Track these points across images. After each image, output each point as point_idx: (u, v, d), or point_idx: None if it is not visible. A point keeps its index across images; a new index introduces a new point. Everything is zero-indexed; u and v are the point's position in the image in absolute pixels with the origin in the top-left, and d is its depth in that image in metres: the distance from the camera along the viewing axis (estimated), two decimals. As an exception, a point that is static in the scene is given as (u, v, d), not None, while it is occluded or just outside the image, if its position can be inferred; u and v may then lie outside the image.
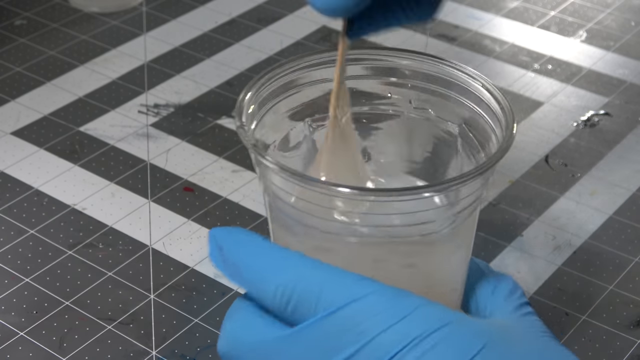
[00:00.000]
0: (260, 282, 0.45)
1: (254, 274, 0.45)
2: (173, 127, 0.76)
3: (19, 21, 0.89)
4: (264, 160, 0.45)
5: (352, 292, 0.43)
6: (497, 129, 0.48)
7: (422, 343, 0.41)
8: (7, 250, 0.65)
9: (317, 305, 0.43)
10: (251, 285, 0.45)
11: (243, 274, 0.45)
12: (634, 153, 0.75)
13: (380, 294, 0.42)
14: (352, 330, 0.42)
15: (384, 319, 0.42)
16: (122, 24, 0.89)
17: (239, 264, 0.46)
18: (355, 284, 0.43)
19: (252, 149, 0.46)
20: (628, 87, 0.82)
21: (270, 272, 0.44)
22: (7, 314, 0.60)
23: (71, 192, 0.70)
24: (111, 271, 0.63)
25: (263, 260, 0.45)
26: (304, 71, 0.51)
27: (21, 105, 0.78)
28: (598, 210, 0.69)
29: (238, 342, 0.45)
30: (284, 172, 0.44)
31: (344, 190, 0.43)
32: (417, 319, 0.42)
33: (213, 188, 0.70)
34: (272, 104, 0.50)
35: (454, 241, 0.48)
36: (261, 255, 0.45)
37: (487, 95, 0.49)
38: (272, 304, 0.44)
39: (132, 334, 0.59)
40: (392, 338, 0.41)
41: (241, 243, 0.46)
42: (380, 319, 0.42)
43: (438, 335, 0.41)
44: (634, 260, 0.65)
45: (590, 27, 0.90)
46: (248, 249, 0.46)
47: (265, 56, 0.85)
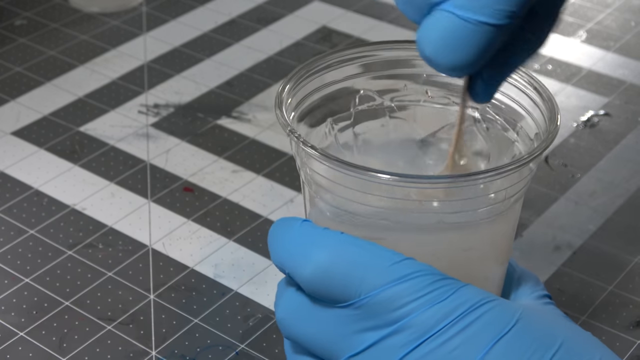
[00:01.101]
0: (300, 261, 0.45)
1: (290, 253, 0.46)
2: (173, 127, 0.76)
3: (19, 21, 0.89)
4: (309, 149, 0.45)
5: (396, 273, 0.44)
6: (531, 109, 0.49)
7: (462, 320, 0.43)
8: (7, 251, 0.65)
9: (360, 285, 0.44)
10: (287, 265, 0.46)
11: (282, 254, 0.46)
12: (634, 153, 0.75)
13: (423, 276, 0.44)
14: (396, 310, 0.44)
15: (427, 299, 0.43)
16: (122, 24, 0.89)
17: (279, 244, 0.46)
18: (398, 264, 0.44)
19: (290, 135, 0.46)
20: (628, 87, 0.82)
21: (310, 250, 0.45)
22: (7, 314, 0.60)
23: (71, 192, 0.70)
24: (111, 271, 0.63)
25: (300, 238, 0.46)
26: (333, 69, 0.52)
27: (21, 105, 0.78)
28: (598, 210, 0.69)
29: (295, 310, 0.46)
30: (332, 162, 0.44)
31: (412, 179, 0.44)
32: (458, 298, 0.44)
33: (213, 188, 0.70)
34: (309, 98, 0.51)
35: (509, 222, 0.49)
36: (297, 235, 0.46)
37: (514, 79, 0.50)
38: (309, 284, 0.45)
39: (132, 334, 0.59)
40: (435, 316, 0.43)
41: (280, 225, 0.47)
42: (424, 300, 0.43)
43: (477, 312, 0.43)
44: (633, 260, 0.65)
45: (590, 27, 0.90)
46: (285, 229, 0.46)
47: (265, 56, 0.85)
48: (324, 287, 0.44)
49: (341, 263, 0.44)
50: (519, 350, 0.43)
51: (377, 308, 0.44)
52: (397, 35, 0.87)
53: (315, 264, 0.44)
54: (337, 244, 0.45)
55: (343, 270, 0.44)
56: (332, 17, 0.89)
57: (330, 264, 0.44)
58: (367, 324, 0.44)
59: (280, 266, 0.46)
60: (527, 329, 0.44)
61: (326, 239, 0.45)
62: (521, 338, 0.43)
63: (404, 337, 0.44)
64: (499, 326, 0.43)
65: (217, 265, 0.64)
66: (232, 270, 0.64)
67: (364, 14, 0.91)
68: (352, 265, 0.44)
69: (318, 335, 0.45)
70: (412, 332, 0.43)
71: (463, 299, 0.44)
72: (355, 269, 0.44)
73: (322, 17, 0.89)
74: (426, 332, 0.43)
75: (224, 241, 0.66)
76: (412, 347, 0.43)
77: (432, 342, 0.43)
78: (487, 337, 0.43)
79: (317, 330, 0.45)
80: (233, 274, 0.64)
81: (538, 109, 0.49)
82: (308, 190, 0.49)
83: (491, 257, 0.49)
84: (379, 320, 0.44)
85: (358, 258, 0.44)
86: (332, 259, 0.44)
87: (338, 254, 0.44)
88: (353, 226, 0.47)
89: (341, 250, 0.44)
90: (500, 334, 0.43)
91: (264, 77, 0.82)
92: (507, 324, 0.44)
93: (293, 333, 0.46)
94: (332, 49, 0.85)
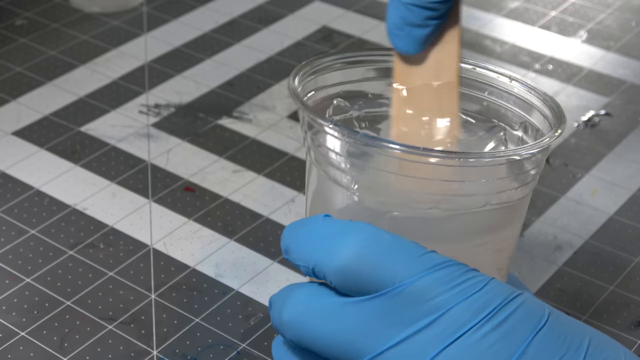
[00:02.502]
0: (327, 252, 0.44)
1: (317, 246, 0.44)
2: (174, 127, 0.76)
3: (20, 21, 0.89)
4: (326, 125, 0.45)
5: (426, 263, 0.43)
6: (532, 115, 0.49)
7: (498, 314, 0.42)
8: (8, 251, 0.65)
9: (393, 274, 0.43)
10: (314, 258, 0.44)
11: (304, 249, 0.45)
12: (634, 153, 0.75)
13: (452, 266, 0.43)
14: (428, 302, 0.42)
15: (462, 290, 0.43)
16: (122, 24, 0.89)
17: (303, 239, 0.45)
18: (427, 255, 0.43)
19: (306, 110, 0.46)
20: (628, 87, 0.82)
21: (340, 241, 0.44)
22: (8, 314, 0.60)
23: (72, 192, 0.70)
24: (112, 271, 0.63)
25: (327, 231, 0.45)
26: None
27: (22, 105, 0.78)
28: (599, 210, 0.69)
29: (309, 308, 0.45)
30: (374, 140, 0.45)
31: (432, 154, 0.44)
32: (491, 291, 0.43)
33: (214, 188, 0.70)
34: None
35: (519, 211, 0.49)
36: (323, 227, 0.45)
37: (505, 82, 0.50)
38: (340, 274, 0.43)
39: (133, 334, 0.59)
40: (470, 310, 0.42)
41: (300, 222, 0.46)
42: (457, 291, 0.43)
43: (511, 306, 0.43)
44: (634, 260, 0.65)
45: (591, 27, 0.90)
46: (307, 225, 0.46)
47: (266, 56, 0.85)
48: (355, 277, 0.43)
49: (373, 252, 0.43)
50: (554, 345, 0.43)
51: (409, 299, 0.43)
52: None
53: (346, 253, 0.43)
54: (366, 234, 0.44)
55: (375, 259, 0.43)
56: (332, 17, 0.89)
57: (361, 253, 0.43)
58: (397, 317, 0.43)
59: (304, 262, 0.45)
60: (558, 323, 0.43)
61: (355, 229, 0.44)
62: (555, 332, 0.43)
63: (438, 332, 0.42)
64: (534, 321, 0.43)
65: (218, 265, 0.64)
66: (233, 269, 0.64)
67: (364, 14, 0.91)
68: (384, 254, 0.43)
69: (342, 333, 0.44)
70: (447, 327, 0.42)
71: (495, 291, 0.43)
72: (387, 258, 0.43)
73: (323, 17, 0.89)
74: (462, 327, 0.42)
75: (225, 241, 0.66)
76: (448, 342, 0.42)
77: (469, 337, 0.42)
78: (524, 333, 0.42)
79: (341, 328, 0.44)
80: (234, 274, 0.64)
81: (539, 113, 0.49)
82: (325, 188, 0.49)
83: (503, 249, 0.49)
84: (411, 312, 0.43)
85: (389, 247, 0.43)
86: (363, 248, 0.43)
87: (369, 242, 0.43)
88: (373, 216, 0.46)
89: (371, 240, 0.43)
90: (536, 329, 0.43)
91: (264, 77, 0.82)
92: (541, 318, 0.43)
93: (303, 335, 0.45)
94: (332, 49, 0.85)
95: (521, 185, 0.47)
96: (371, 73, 0.52)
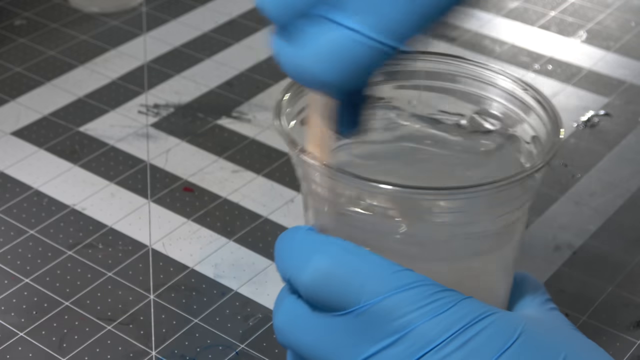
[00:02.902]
0: (299, 268, 0.44)
1: (292, 259, 0.45)
2: (173, 127, 0.76)
3: (19, 21, 0.89)
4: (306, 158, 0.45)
5: (396, 282, 0.43)
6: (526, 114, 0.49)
7: (464, 333, 0.42)
8: (7, 251, 0.65)
9: (360, 292, 0.43)
10: (288, 271, 0.45)
11: (284, 261, 0.45)
12: (634, 153, 0.75)
13: (424, 286, 0.43)
14: (396, 320, 0.43)
15: (428, 310, 0.42)
16: (122, 24, 0.89)
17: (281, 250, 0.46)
18: (398, 274, 0.43)
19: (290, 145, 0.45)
20: (628, 87, 0.82)
21: (311, 256, 0.44)
22: (7, 314, 0.60)
23: (71, 193, 0.70)
24: (111, 271, 0.63)
25: (302, 244, 0.45)
26: None
27: (21, 105, 0.78)
28: (598, 210, 0.69)
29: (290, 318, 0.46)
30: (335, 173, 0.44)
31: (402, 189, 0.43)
32: (460, 311, 0.43)
33: (213, 188, 0.70)
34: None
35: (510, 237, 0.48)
36: (300, 241, 0.45)
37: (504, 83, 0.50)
38: (309, 289, 0.44)
39: (132, 335, 0.59)
40: (436, 329, 0.42)
41: (286, 234, 0.46)
42: (424, 311, 0.42)
43: (479, 325, 0.42)
44: (634, 260, 0.65)
45: (591, 27, 0.90)
46: (290, 238, 0.46)
47: (265, 56, 0.85)
48: (323, 294, 0.44)
49: (341, 269, 0.43)
50: None
51: (376, 317, 0.43)
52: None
53: (314, 269, 0.44)
54: (337, 251, 0.44)
55: (342, 277, 0.43)
56: (332, 17, 0.89)
57: (329, 269, 0.43)
58: (365, 334, 0.43)
59: (282, 274, 0.46)
60: (530, 343, 0.43)
61: (327, 245, 0.44)
62: (523, 353, 0.43)
63: (403, 349, 0.43)
64: (501, 341, 0.43)
65: (217, 265, 0.64)
66: (232, 270, 0.64)
67: (364, 14, 0.91)
68: (352, 272, 0.43)
69: (317, 345, 0.45)
70: (412, 344, 0.42)
71: (464, 311, 0.43)
72: (355, 276, 0.43)
73: (322, 17, 0.89)
74: (426, 345, 0.42)
75: (224, 241, 0.66)
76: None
77: (432, 356, 0.42)
78: (489, 353, 0.42)
79: (316, 340, 0.45)
80: (233, 274, 0.63)
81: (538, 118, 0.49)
82: (309, 200, 0.49)
83: (498, 269, 0.48)
84: (378, 330, 0.43)
85: (358, 265, 0.43)
86: (332, 265, 0.44)
87: (338, 260, 0.44)
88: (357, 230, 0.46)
89: (341, 257, 0.44)
90: (502, 349, 0.42)
91: (264, 77, 0.82)
92: (509, 338, 0.43)
93: (291, 342, 0.46)
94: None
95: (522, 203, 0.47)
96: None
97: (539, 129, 0.49)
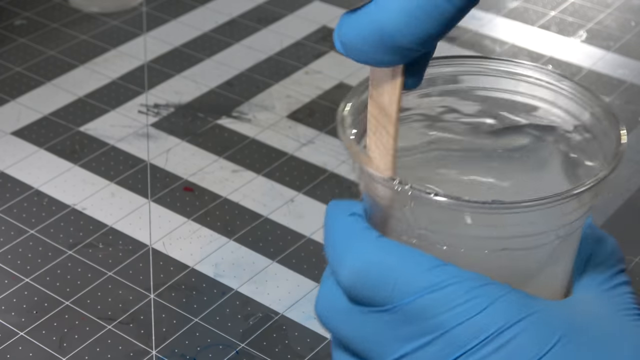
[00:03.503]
0: (338, 261, 0.44)
1: (333, 248, 0.44)
2: (173, 127, 0.76)
3: (19, 21, 0.89)
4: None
5: (429, 280, 0.42)
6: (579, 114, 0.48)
7: (498, 337, 0.41)
8: (7, 251, 0.65)
9: (393, 292, 0.42)
10: (331, 259, 0.44)
11: (327, 248, 0.45)
12: (634, 153, 0.75)
13: (457, 284, 0.42)
14: (429, 320, 0.42)
15: (462, 311, 0.41)
16: (122, 24, 0.89)
17: (325, 236, 0.45)
18: (433, 271, 0.42)
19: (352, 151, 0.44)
20: (628, 87, 0.82)
21: (347, 252, 0.43)
22: (7, 313, 0.60)
23: (71, 192, 0.70)
24: (111, 271, 0.63)
25: (342, 235, 0.44)
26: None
27: (21, 105, 0.78)
28: (598, 210, 0.69)
29: (329, 306, 0.45)
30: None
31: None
32: (494, 313, 0.41)
33: (213, 188, 0.70)
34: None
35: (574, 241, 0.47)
36: (342, 232, 0.44)
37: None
38: (345, 285, 0.43)
39: (132, 334, 0.59)
40: (469, 332, 0.41)
41: (332, 211, 0.45)
42: (458, 312, 0.41)
43: (514, 329, 0.41)
44: (634, 260, 0.65)
45: (591, 27, 0.90)
46: (334, 218, 0.45)
47: (265, 56, 0.85)
48: (359, 291, 0.43)
49: (374, 269, 0.43)
50: None
51: (409, 316, 0.42)
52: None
53: (349, 268, 0.43)
54: (371, 249, 0.43)
55: (376, 276, 0.42)
56: (332, 17, 0.89)
57: (362, 269, 0.43)
58: (403, 331, 0.42)
59: (327, 257, 0.45)
60: (573, 347, 0.41)
61: (362, 242, 0.43)
62: (566, 358, 0.41)
63: (437, 350, 0.42)
64: (537, 347, 0.41)
65: (217, 265, 0.64)
66: (233, 269, 0.64)
67: (364, 14, 0.91)
68: (384, 271, 0.42)
69: (358, 336, 0.44)
70: (445, 347, 0.42)
71: (499, 313, 0.41)
72: (388, 275, 0.42)
73: (323, 17, 0.89)
74: (459, 348, 0.41)
75: (224, 240, 0.66)
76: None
77: (466, 359, 0.41)
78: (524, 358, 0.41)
79: (356, 331, 0.44)
80: (233, 273, 0.64)
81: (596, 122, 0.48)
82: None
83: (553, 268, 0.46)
84: (414, 328, 0.42)
85: (392, 264, 0.42)
86: (365, 264, 0.43)
87: (371, 259, 0.43)
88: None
89: (374, 256, 0.43)
90: (538, 355, 0.41)
91: (264, 77, 0.82)
92: (547, 343, 0.41)
93: (332, 328, 0.45)
94: (332, 48, 0.85)
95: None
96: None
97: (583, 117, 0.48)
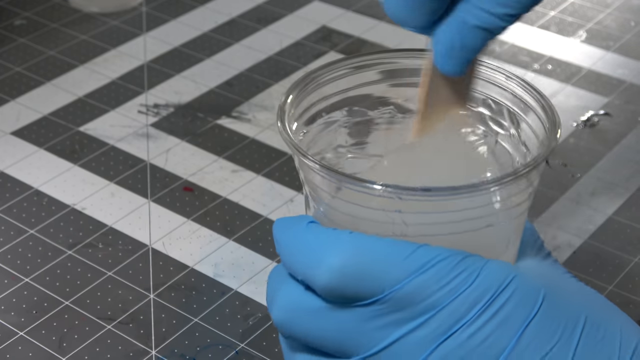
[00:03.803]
0: (313, 265, 0.43)
1: (302, 256, 0.44)
2: (173, 127, 0.76)
3: (19, 21, 0.89)
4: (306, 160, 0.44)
5: (414, 264, 0.42)
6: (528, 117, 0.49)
7: (491, 306, 0.42)
8: (7, 250, 0.65)
9: (380, 282, 0.42)
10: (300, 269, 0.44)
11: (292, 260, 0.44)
12: (634, 153, 0.75)
13: (442, 261, 0.42)
14: (423, 301, 0.42)
15: (454, 287, 0.42)
16: (122, 24, 0.89)
17: (287, 247, 0.45)
18: (415, 254, 0.43)
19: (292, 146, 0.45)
20: (628, 87, 0.82)
21: (324, 254, 0.43)
22: (7, 313, 0.60)
23: (71, 192, 0.70)
24: (111, 271, 0.63)
25: (311, 242, 0.44)
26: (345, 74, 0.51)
27: (21, 105, 0.78)
28: (598, 210, 0.69)
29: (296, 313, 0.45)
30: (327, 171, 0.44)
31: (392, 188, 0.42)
32: (484, 282, 0.42)
33: (213, 188, 0.70)
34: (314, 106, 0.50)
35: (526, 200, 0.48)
36: (309, 239, 0.44)
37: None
38: (326, 290, 0.43)
39: (132, 334, 0.59)
40: (463, 306, 0.42)
41: (286, 226, 0.46)
42: (449, 288, 0.42)
43: (504, 295, 0.42)
44: (633, 260, 0.65)
45: (590, 27, 0.90)
46: (292, 232, 0.45)
47: (265, 56, 0.85)
48: (343, 291, 0.43)
49: (357, 264, 0.43)
50: (549, 330, 0.42)
51: (402, 302, 0.42)
52: (397, 35, 0.87)
53: (330, 269, 0.43)
54: (348, 245, 0.43)
55: (360, 271, 0.43)
56: (332, 17, 0.89)
57: (345, 266, 0.43)
58: (391, 318, 0.43)
59: (293, 272, 0.45)
60: (553, 305, 0.43)
61: (337, 241, 0.43)
62: (549, 316, 0.43)
63: (433, 329, 0.42)
64: (528, 307, 0.42)
65: (217, 265, 0.64)
66: (232, 269, 0.64)
67: (364, 14, 0.91)
68: (368, 263, 0.43)
69: (329, 334, 0.44)
70: (442, 324, 0.42)
71: (488, 281, 0.42)
72: (373, 266, 0.42)
73: (322, 17, 0.89)
74: (457, 322, 0.42)
75: (224, 240, 0.66)
76: (442, 339, 0.42)
77: (464, 332, 0.42)
78: (519, 320, 0.42)
79: (329, 329, 0.44)
80: (233, 273, 0.64)
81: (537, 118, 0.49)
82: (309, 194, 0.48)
83: (510, 230, 0.48)
84: (405, 313, 0.42)
85: (373, 255, 0.43)
86: (347, 261, 0.43)
87: (352, 255, 0.43)
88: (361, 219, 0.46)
89: (354, 251, 0.43)
90: (531, 316, 0.42)
91: (264, 77, 0.82)
92: (535, 303, 0.43)
93: (296, 332, 0.45)
94: (332, 48, 0.85)
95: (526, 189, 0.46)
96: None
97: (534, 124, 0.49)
